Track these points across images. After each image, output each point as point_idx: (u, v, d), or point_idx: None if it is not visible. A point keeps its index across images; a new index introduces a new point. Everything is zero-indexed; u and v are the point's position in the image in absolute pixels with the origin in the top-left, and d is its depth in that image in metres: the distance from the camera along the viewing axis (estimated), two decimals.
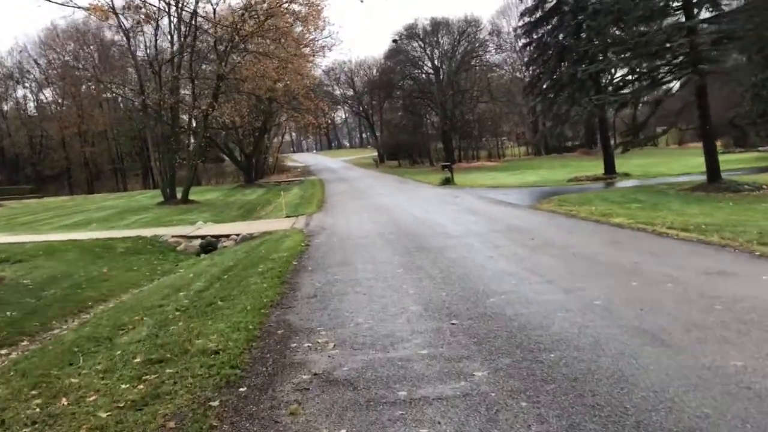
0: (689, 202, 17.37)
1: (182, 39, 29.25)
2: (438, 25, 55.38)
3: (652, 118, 22.28)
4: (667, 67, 20.77)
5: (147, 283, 12.02)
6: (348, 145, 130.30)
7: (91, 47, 61.06)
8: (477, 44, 55.69)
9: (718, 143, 47.23)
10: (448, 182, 31.39)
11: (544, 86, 29.90)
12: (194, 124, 31.73)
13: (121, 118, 60.22)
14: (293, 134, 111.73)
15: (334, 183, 40.44)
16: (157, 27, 29.35)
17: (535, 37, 29.81)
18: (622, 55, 20.44)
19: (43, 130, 64.43)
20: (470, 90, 56.61)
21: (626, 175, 30.27)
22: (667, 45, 19.54)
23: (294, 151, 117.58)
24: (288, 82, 29.62)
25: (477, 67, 57.85)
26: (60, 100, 66.61)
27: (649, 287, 6.63)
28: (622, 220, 12.95)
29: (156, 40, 29.38)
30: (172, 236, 16.76)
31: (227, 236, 16.78)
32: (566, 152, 66.02)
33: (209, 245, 16.53)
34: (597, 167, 36.58)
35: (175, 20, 30.09)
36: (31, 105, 68.54)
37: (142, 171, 65.38)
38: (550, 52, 29.54)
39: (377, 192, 29.19)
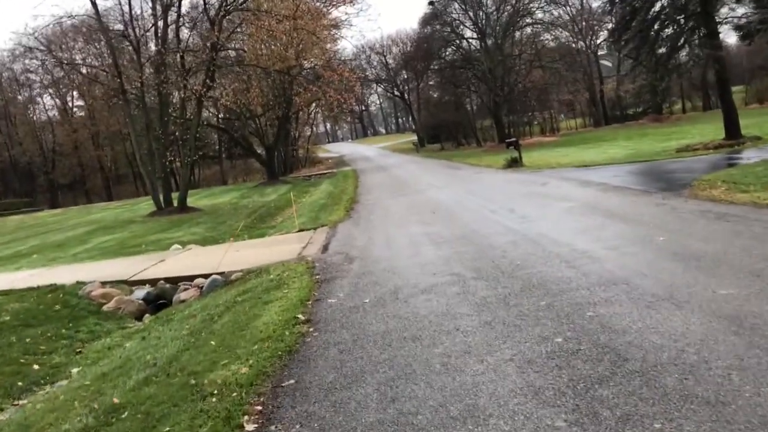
0: None
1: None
2: None
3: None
4: None
5: None
6: (384, 131, 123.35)
7: (101, 43, 55.49)
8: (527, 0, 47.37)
9: None
10: (515, 163, 24.31)
11: (640, 25, 22.02)
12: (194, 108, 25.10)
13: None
14: (327, 125, 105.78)
15: (369, 173, 33.53)
16: None
17: None
18: None
19: (54, 135, 59.45)
20: (520, 54, 48.54)
21: (757, 139, 22.47)
22: None
23: (329, 142, 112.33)
24: (301, 48, 22.67)
25: (528, 27, 49.65)
26: (70, 102, 61.50)
27: None
28: None
29: (130, 6, 22.81)
30: (101, 284, 10.06)
31: (191, 279, 10.01)
32: (628, 121, 57.64)
33: (161, 298, 9.81)
34: (684, 134, 30.12)
35: None
36: (38, 108, 63.59)
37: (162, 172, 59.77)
38: None
39: (426, 183, 22.19)
